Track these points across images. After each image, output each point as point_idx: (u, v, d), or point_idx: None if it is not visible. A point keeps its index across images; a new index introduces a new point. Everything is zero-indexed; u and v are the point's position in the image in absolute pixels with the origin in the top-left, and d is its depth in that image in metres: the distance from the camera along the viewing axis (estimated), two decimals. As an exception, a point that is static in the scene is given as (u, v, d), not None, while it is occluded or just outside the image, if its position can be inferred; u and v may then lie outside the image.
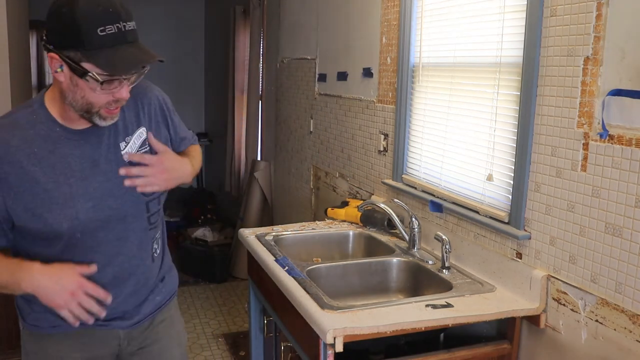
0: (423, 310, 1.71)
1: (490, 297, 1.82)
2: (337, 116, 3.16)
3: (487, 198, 1.98)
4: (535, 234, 1.78)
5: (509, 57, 1.86)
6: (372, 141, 2.78)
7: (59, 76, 1.33)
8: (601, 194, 1.54)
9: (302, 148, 3.75)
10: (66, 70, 1.32)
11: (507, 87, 1.88)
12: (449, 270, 2.02)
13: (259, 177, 4.46)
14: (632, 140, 1.44)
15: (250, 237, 2.39)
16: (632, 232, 1.46)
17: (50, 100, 1.43)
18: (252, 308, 2.48)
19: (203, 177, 6.98)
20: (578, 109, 1.59)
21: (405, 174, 2.50)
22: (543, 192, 1.73)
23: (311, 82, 3.53)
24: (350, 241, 2.52)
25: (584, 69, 1.57)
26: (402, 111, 2.47)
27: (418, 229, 2.19)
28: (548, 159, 1.71)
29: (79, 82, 1.32)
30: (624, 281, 1.49)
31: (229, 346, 3.59)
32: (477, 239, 2.04)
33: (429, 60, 2.32)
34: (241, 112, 5.08)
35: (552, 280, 1.71)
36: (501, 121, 1.91)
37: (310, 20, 3.52)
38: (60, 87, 1.36)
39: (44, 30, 1.34)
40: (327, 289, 1.93)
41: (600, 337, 1.55)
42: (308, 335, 1.73)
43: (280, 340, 2.14)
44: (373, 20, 2.72)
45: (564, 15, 1.63)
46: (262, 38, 4.49)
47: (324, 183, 3.42)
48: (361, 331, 1.60)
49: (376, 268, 2.15)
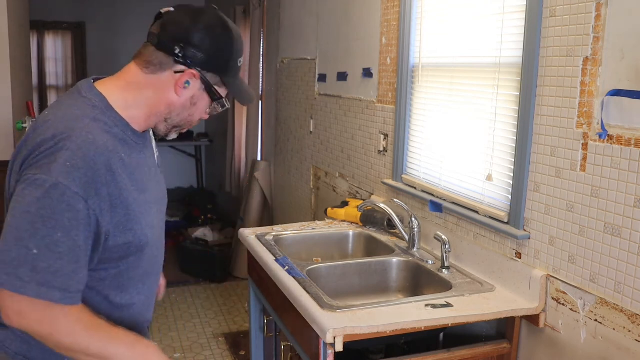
0: (423, 310, 1.72)
1: (489, 297, 1.83)
2: (337, 116, 3.17)
3: (487, 198, 1.99)
4: (534, 234, 1.78)
5: (509, 57, 1.86)
6: (372, 141, 2.78)
7: (181, 91, 1.26)
8: (600, 194, 1.54)
9: (302, 148, 3.76)
10: (196, 89, 1.27)
11: (507, 88, 1.88)
12: (448, 270, 2.02)
13: (259, 177, 4.46)
14: (631, 140, 1.45)
15: (251, 237, 2.39)
16: (631, 232, 1.46)
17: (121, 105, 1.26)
18: (252, 308, 2.48)
19: (203, 177, 6.99)
20: (577, 109, 1.60)
21: (405, 174, 2.50)
22: (542, 192, 1.74)
23: (311, 82, 3.54)
24: (350, 241, 2.52)
25: (584, 69, 1.57)
26: (402, 111, 2.47)
27: (418, 228, 2.20)
28: (547, 159, 1.71)
29: (200, 102, 1.30)
30: (623, 281, 1.49)
31: (229, 346, 3.59)
32: (476, 238, 2.04)
33: (428, 61, 2.33)
34: (241, 112, 5.08)
35: (552, 280, 1.72)
36: (501, 121, 1.91)
37: (310, 20, 3.52)
38: (169, 101, 1.27)
39: (180, 43, 1.23)
40: (327, 288, 1.93)
41: (600, 336, 1.56)
42: (308, 335, 1.73)
43: (280, 339, 2.14)
44: (373, 21, 2.72)
45: (563, 16, 1.63)
46: (262, 38, 4.49)
47: (324, 183, 3.42)
48: (361, 331, 1.60)
49: (376, 268, 2.16)
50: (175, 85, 1.26)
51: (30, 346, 1.23)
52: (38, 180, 1.10)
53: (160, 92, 1.27)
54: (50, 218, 1.10)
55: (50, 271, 1.10)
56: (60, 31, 6.79)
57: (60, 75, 6.90)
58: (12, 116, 3.21)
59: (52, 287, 1.11)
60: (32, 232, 1.09)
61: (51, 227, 1.10)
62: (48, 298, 1.11)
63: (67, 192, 1.10)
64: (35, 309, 1.12)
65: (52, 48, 6.81)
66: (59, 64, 6.87)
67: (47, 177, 1.10)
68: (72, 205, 1.11)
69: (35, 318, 1.13)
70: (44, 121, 1.19)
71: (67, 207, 1.11)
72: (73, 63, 6.89)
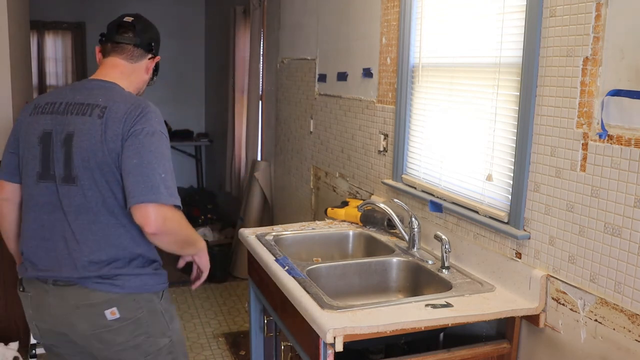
0: (423, 310, 1.72)
1: (489, 297, 1.83)
2: (337, 116, 3.17)
3: (487, 198, 1.99)
4: (534, 234, 1.78)
5: (509, 57, 1.86)
6: (372, 141, 2.78)
7: (149, 71, 1.94)
8: (600, 194, 1.54)
9: (302, 148, 3.76)
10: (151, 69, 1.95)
11: (507, 88, 1.88)
12: (448, 270, 2.02)
13: (259, 177, 4.46)
14: (631, 140, 1.45)
15: (251, 237, 2.39)
16: (631, 232, 1.46)
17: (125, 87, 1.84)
18: (252, 308, 2.48)
19: (203, 177, 6.99)
20: (577, 109, 1.60)
21: (405, 174, 2.50)
22: (542, 192, 1.74)
23: (311, 82, 3.54)
24: (350, 241, 2.52)
25: (583, 69, 1.57)
26: (402, 111, 2.47)
27: (418, 228, 2.20)
28: (547, 159, 1.71)
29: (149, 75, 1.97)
30: (623, 281, 1.49)
31: (229, 346, 3.59)
32: (476, 238, 2.04)
33: (428, 61, 2.33)
34: (241, 112, 5.08)
35: (552, 280, 1.72)
36: (501, 121, 1.91)
37: (311, 20, 3.52)
38: (144, 79, 1.93)
39: (152, 42, 1.92)
40: (327, 288, 1.93)
41: (600, 336, 1.56)
42: (308, 335, 1.73)
43: (280, 339, 2.15)
44: (373, 21, 2.72)
45: (563, 16, 1.63)
46: (262, 38, 4.49)
47: (324, 183, 3.42)
48: (361, 331, 1.60)
49: (376, 268, 2.16)
50: (147, 67, 1.93)
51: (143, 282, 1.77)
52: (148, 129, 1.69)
53: (140, 74, 1.91)
54: (165, 152, 1.71)
55: (173, 187, 1.68)
56: (60, 31, 6.79)
57: (60, 75, 6.90)
58: (12, 116, 3.21)
59: (176, 197, 1.68)
60: (161, 162, 1.68)
61: (167, 159, 1.71)
62: (177, 203, 1.69)
63: (163, 135, 1.73)
64: (173, 213, 1.69)
65: (52, 48, 6.81)
66: (59, 64, 6.87)
67: (152, 129, 1.69)
68: (167, 142, 1.74)
69: (175, 219, 1.70)
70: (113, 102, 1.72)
71: (166, 144, 1.73)
72: (73, 63, 6.89)
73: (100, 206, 1.70)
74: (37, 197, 1.75)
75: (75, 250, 1.70)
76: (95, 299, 1.70)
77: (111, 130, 1.67)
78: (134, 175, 1.63)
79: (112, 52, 1.85)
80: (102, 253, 1.70)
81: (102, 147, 1.67)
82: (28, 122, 1.79)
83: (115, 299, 1.70)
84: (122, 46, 1.85)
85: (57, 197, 1.72)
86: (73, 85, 1.86)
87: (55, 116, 1.74)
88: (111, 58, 1.85)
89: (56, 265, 1.71)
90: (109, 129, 1.67)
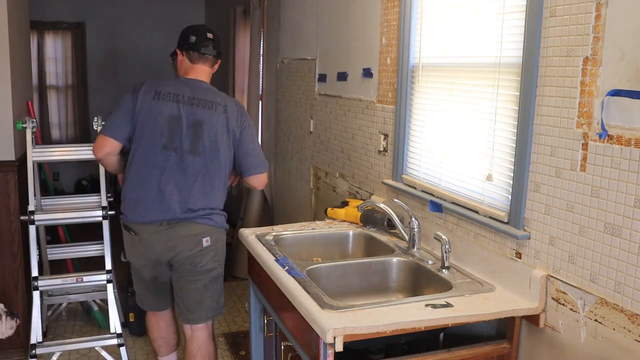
0: (423, 310, 1.72)
1: (489, 297, 1.83)
2: (337, 116, 3.17)
3: (487, 198, 1.99)
4: (534, 234, 1.78)
5: (509, 57, 1.86)
6: (372, 141, 2.78)
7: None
8: (600, 194, 1.54)
9: (302, 148, 3.76)
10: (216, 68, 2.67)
11: (507, 88, 1.88)
12: (448, 270, 2.02)
13: (259, 177, 4.45)
14: (631, 140, 1.45)
15: (251, 237, 2.39)
16: (631, 232, 1.46)
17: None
18: (252, 308, 2.48)
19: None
20: (577, 109, 1.60)
21: (405, 174, 2.50)
22: (542, 192, 1.74)
23: (311, 82, 3.54)
24: (350, 241, 2.52)
25: (583, 69, 1.57)
26: (402, 111, 2.47)
27: (418, 228, 2.20)
28: (547, 159, 1.71)
29: None
30: (623, 281, 1.49)
31: (229, 346, 3.59)
32: (476, 238, 2.04)
33: (428, 61, 2.33)
34: (241, 112, 5.08)
35: (552, 280, 1.72)
36: (501, 121, 1.91)
37: (310, 20, 3.52)
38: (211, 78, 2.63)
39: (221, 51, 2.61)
40: (327, 288, 1.94)
41: (600, 336, 1.56)
42: (308, 335, 1.73)
43: (280, 339, 2.15)
44: (373, 21, 2.72)
45: (563, 16, 1.63)
46: (262, 38, 4.49)
47: (324, 183, 3.42)
48: (361, 331, 1.60)
49: (376, 268, 2.16)
50: (214, 68, 2.60)
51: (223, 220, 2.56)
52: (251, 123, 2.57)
53: (211, 74, 2.60)
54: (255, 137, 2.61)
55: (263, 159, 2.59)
56: (60, 31, 6.79)
57: (60, 75, 6.90)
58: (12, 116, 3.20)
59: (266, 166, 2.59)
60: (259, 146, 2.62)
61: (257, 141, 2.61)
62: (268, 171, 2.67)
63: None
64: (267, 177, 2.60)
65: (52, 48, 6.82)
66: (59, 64, 6.87)
67: (252, 122, 2.58)
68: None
69: (266, 181, 2.61)
70: (228, 102, 2.51)
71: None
72: (73, 63, 6.89)
73: (213, 172, 2.44)
74: (159, 161, 2.39)
75: (188, 200, 2.40)
76: (197, 230, 2.43)
77: (231, 122, 2.47)
78: (252, 155, 2.51)
79: (199, 60, 2.52)
80: (208, 201, 2.45)
81: (226, 132, 2.45)
82: (151, 104, 2.40)
83: (209, 230, 2.46)
84: (206, 57, 2.53)
85: (178, 163, 2.39)
86: (180, 81, 2.50)
87: (181, 105, 2.41)
88: (199, 65, 2.53)
89: (170, 211, 2.39)
90: (230, 121, 2.46)
